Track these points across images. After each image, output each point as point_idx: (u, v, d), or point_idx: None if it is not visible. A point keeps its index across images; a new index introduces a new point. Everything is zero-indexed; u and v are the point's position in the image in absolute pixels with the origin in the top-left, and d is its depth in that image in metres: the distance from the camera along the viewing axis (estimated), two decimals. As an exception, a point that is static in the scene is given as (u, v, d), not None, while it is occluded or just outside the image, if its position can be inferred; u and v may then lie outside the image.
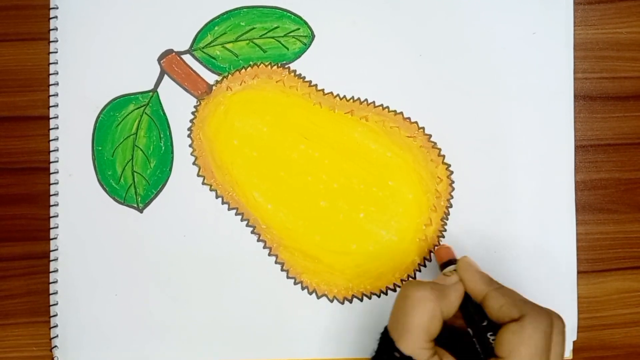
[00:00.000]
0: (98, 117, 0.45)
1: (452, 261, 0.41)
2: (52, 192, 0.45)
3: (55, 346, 0.44)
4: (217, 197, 0.45)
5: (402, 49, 0.46)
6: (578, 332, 0.45)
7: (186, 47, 0.45)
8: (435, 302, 0.37)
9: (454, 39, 0.46)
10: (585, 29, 0.47)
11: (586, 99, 0.47)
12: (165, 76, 0.45)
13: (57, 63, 0.45)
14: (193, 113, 0.45)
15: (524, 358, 0.35)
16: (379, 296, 0.45)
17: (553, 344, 0.36)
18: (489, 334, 0.37)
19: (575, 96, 0.46)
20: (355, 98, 0.46)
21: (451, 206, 0.45)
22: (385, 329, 0.38)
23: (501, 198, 0.45)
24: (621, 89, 0.47)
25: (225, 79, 0.45)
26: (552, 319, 0.36)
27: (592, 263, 0.46)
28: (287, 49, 0.46)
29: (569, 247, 0.45)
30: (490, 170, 0.46)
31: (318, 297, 0.45)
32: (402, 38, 0.46)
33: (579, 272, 0.46)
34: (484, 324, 0.38)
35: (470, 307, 0.39)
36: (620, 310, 0.46)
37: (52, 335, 0.44)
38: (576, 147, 0.46)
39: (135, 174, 0.45)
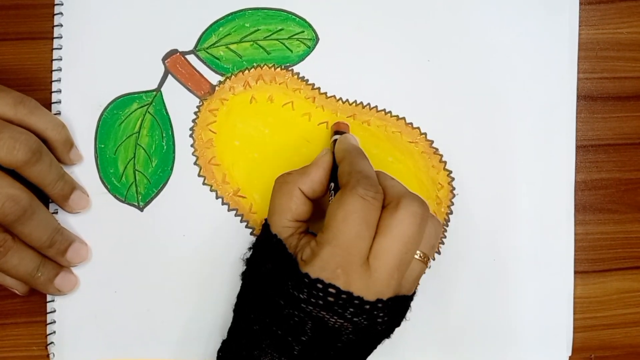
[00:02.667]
0: (101, 115, 0.45)
1: (339, 133, 0.42)
2: (53, 189, 0.45)
3: (52, 342, 0.44)
4: (217, 197, 0.45)
5: (405, 54, 0.46)
6: (575, 332, 0.46)
7: (190, 47, 0.46)
8: (292, 183, 0.39)
9: (458, 43, 0.46)
10: (586, 29, 0.47)
11: (587, 99, 0.47)
12: (169, 76, 0.45)
13: (60, 60, 0.45)
14: (195, 113, 0.45)
15: (340, 222, 0.35)
16: (376, 301, 0.45)
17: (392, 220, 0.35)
18: None
19: (576, 97, 0.46)
20: (358, 102, 0.46)
21: (452, 213, 0.45)
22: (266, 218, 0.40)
23: (502, 206, 0.45)
24: (622, 89, 0.47)
25: (228, 79, 0.46)
26: (375, 190, 0.36)
27: (592, 263, 0.46)
28: (291, 51, 0.46)
29: (567, 249, 0.46)
30: (492, 177, 0.46)
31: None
32: (407, 43, 0.46)
33: (579, 272, 0.46)
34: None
35: (335, 179, 0.39)
36: (620, 310, 0.46)
37: (48, 332, 0.44)
38: (576, 147, 0.46)
39: (136, 172, 0.45)
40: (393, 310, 0.36)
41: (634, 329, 0.46)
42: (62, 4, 0.45)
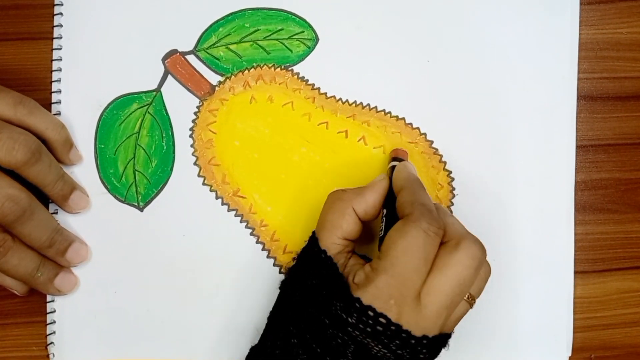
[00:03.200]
0: (101, 115, 0.45)
1: (398, 160, 0.43)
2: (53, 189, 0.45)
3: (52, 343, 0.44)
4: (217, 197, 0.45)
5: (405, 54, 0.46)
6: (575, 332, 0.46)
7: (190, 47, 0.46)
8: (346, 201, 0.39)
9: (458, 44, 0.46)
10: (586, 29, 0.47)
11: (587, 99, 0.47)
12: (169, 76, 0.45)
13: (60, 60, 0.45)
14: (195, 113, 0.45)
15: (400, 252, 0.35)
16: (376, 301, 0.45)
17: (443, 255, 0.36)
18: None
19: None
20: (358, 102, 0.46)
21: (451, 212, 0.45)
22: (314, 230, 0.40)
23: (502, 206, 0.45)
24: (621, 89, 0.47)
25: (228, 79, 0.46)
26: (438, 227, 0.36)
27: (592, 263, 0.46)
28: (291, 51, 0.46)
29: (567, 249, 0.46)
30: (492, 177, 0.46)
31: (315, 300, 0.45)
32: (406, 44, 0.46)
33: (579, 272, 0.46)
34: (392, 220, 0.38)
35: (388, 205, 0.39)
36: (620, 310, 0.46)
37: (48, 332, 0.44)
38: (577, 147, 0.46)
39: (136, 172, 0.45)
40: (434, 347, 0.36)
41: (634, 329, 0.46)
42: (62, 4, 0.45)
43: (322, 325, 0.36)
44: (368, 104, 0.46)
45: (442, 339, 0.37)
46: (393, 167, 0.42)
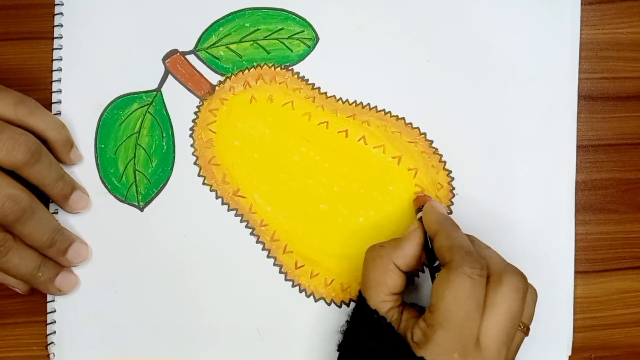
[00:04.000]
0: (101, 115, 0.45)
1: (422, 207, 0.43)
2: (53, 189, 0.45)
3: (52, 342, 0.44)
4: (217, 197, 0.45)
5: (405, 54, 0.46)
6: (575, 332, 0.45)
7: (190, 47, 0.46)
8: (385, 257, 0.39)
9: (458, 43, 0.46)
10: (586, 29, 0.47)
11: (587, 99, 0.47)
12: (169, 76, 0.45)
13: (61, 60, 0.45)
14: (195, 113, 0.45)
15: (451, 303, 0.35)
16: (376, 301, 0.45)
17: (493, 295, 0.36)
18: None
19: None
20: (358, 102, 0.46)
21: (451, 213, 0.45)
22: (360, 290, 0.40)
23: (502, 206, 0.45)
24: (622, 89, 0.47)
25: (228, 79, 0.46)
26: (480, 268, 0.36)
27: (592, 263, 0.46)
28: (291, 51, 0.46)
29: (567, 249, 0.46)
30: (492, 177, 0.45)
31: (315, 300, 0.45)
32: (407, 43, 0.46)
33: (579, 272, 0.46)
34: (435, 265, 0.38)
35: (429, 247, 0.40)
36: (620, 310, 0.46)
37: (48, 332, 0.44)
38: (577, 147, 0.46)
39: (136, 172, 0.45)
40: None
41: (634, 329, 0.46)
42: (62, 4, 0.45)
43: None
44: (368, 104, 0.46)
45: None
46: (418, 212, 0.42)
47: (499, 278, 0.36)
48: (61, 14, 0.45)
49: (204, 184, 0.45)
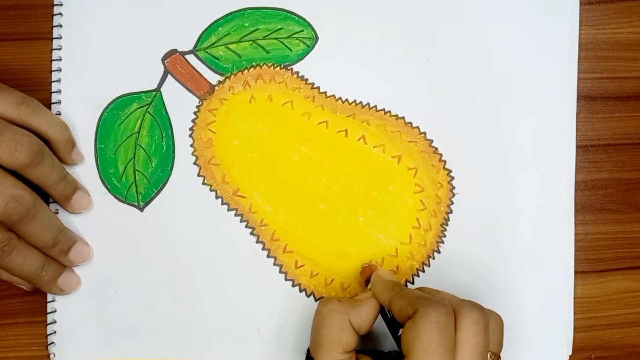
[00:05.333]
0: (101, 115, 0.45)
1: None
2: (53, 189, 0.45)
3: (52, 342, 0.44)
4: (217, 197, 0.45)
5: (405, 53, 0.46)
6: (575, 332, 0.45)
7: (190, 47, 0.46)
8: (343, 313, 0.38)
9: (457, 43, 0.46)
10: (586, 29, 0.47)
11: (587, 99, 0.47)
12: (169, 76, 0.45)
13: (60, 60, 0.45)
14: (195, 113, 0.45)
15: (421, 353, 0.34)
16: (376, 300, 0.45)
17: (462, 334, 0.35)
18: None
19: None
20: (357, 101, 0.46)
21: (451, 212, 0.45)
22: (309, 347, 0.39)
23: (502, 204, 0.45)
24: (622, 89, 0.47)
25: (227, 79, 0.46)
26: (445, 309, 0.35)
27: (592, 263, 0.46)
28: (291, 50, 0.46)
29: (567, 249, 0.45)
30: (492, 175, 0.45)
31: (316, 300, 0.45)
32: (406, 42, 0.46)
33: (579, 272, 0.46)
34: (399, 334, 0.37)
35: (387, 316, 0.39)
36: (620, 310, 0.46)
37: (48, 332, 0.44)
38: (576, 147, 0.46)
39: (136, 172, 0.45)
40: None
41: (634, 329, 0.46)
42: (61, 4, 0.45)
43: None
44: (368, 103, 0.46)
45: None
46: (367, 282, 0.42)
47: (458, 316, 0.36)
48: (60, 14, 0.45)
49: (203, 183, 0.45)
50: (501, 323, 0.39)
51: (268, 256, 0.45)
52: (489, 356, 0.37)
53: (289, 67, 0.46)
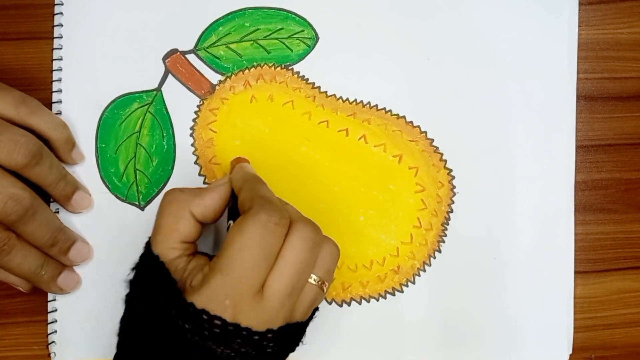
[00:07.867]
0: (102, 114, 0.45)
1: None
2: (54, 189, 0.45)
3: (53, 342, 0.44)
4: (217, 197, 0.45)
5: (405, 53, 0.46)
6: (575, 332, 0.46)
7: (191, 46, 0.46)
8: (182, 203, 0.38)
9: (458, 43, 0.46)
10: (586, 29, 0.47)
11: (587, 99, 0.47)
12: (170, 75, 0.45)
13: (61, 59, 0.45)
14: (196, 112, 0.45)
15: (237, 249, 0.34)
16: (377, 300, 0.45)
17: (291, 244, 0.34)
18: None
19: (576, 97, 0.46)
20: (358, 101, 0.46)
21: (452, 211, 0.45)
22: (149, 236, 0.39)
23: (502, 203, 0.45)
24: (622, 89, 0.47)
25: (228, 79, 0.46)
26: (279, 217, 0.34)
27: (592, 263, 0.46)
28: (291, 50, 0.46)
29: (567, 249, 0.46)
30: (492, 175, 0.46)
31: (316, 299, 0.45)
32: (406, 42, 0.46)
33: (579, 272, 0.46)
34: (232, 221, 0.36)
35: (232, 208, 0.38)
36: (620, 310, 0.46)
37: (49, 331, 0.44)
38: (577, 147, 0.46)
39: (137, 171, 0.45)
40: (284, 338, 0.35)
41: (634, 329, 0.46)
42: (62, 4, 0.45)
43: (163, 335, 0.34)
44: (368, 103, 0.46)
45: (293, 328, 0.36)
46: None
47: (290, 230, 0.35)
48: (61, 13, 0.45)
49: (204, 183, 0.45)
50: (336, 253, 0.37)
51: (269, 256, 0.45)
52: (313, 280, 0.36)
53: (290, 67, 0.46)
